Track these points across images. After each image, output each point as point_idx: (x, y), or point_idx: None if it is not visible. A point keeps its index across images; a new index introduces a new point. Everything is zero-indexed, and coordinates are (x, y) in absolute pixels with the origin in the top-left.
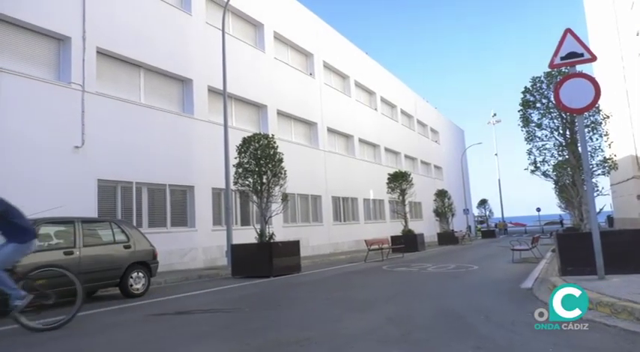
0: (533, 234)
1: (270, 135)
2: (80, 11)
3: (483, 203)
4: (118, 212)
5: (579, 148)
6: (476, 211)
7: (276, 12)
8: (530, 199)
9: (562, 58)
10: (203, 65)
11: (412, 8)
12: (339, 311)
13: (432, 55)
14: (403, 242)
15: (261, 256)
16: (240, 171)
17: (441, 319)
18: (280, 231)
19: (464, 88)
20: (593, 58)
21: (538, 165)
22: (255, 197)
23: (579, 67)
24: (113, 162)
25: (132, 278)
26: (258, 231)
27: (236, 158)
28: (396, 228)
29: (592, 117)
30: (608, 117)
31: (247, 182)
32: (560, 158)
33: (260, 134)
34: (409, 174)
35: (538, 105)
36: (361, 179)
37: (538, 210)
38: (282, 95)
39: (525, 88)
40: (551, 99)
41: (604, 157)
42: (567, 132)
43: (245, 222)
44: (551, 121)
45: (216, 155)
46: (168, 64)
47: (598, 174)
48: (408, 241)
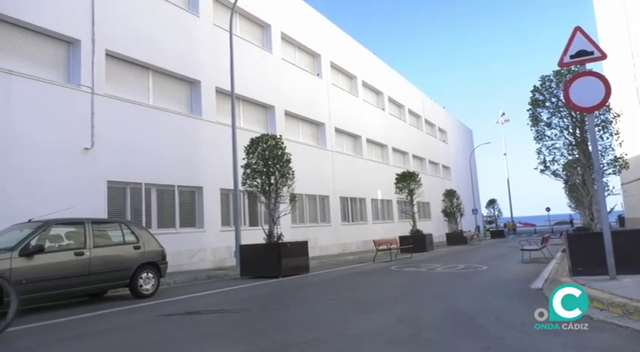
0: (543, 233)
1: (277, 136)
2: (89, 14)
3: (492, 203)
4: (127, 213)
5: (589, 147)
6: (485, 211)
7: (283, 13)
8: (539, 199)
9: (572, 57)
10: (211, 66)
11: (416, 5)
12: (347, 312)
13: (439, 53)
14: (412, 242)
15: (270, 256)
16: (248, 171)
17: (451, 319)
18: (288, 231)
19: (473, 88)
20: (603, 56)
21: (548, 164)
22: (263, 197)
23: (589, 65)
24: (122, 164)
25: (141, 278)
26: (266, 231)
27: (244, 159)
28: (404, 229)
29: (602, 116)
30: (618, 116)
31: (255, 183)
32: (570, 157)
33: (268, 135)
34: (417, 174)
35: (547, 104)
36: (369, 179)
37: (548, 209)
38: (289, 96)
39: (534, 86)
40: (561, 97)
41: (615, 156)
42: (577, 131)
43: (253, 222)
44: (560, 120)
45: (224, 156)
46: (176, 65)
47: (609, 174)
48: (416, 241)
